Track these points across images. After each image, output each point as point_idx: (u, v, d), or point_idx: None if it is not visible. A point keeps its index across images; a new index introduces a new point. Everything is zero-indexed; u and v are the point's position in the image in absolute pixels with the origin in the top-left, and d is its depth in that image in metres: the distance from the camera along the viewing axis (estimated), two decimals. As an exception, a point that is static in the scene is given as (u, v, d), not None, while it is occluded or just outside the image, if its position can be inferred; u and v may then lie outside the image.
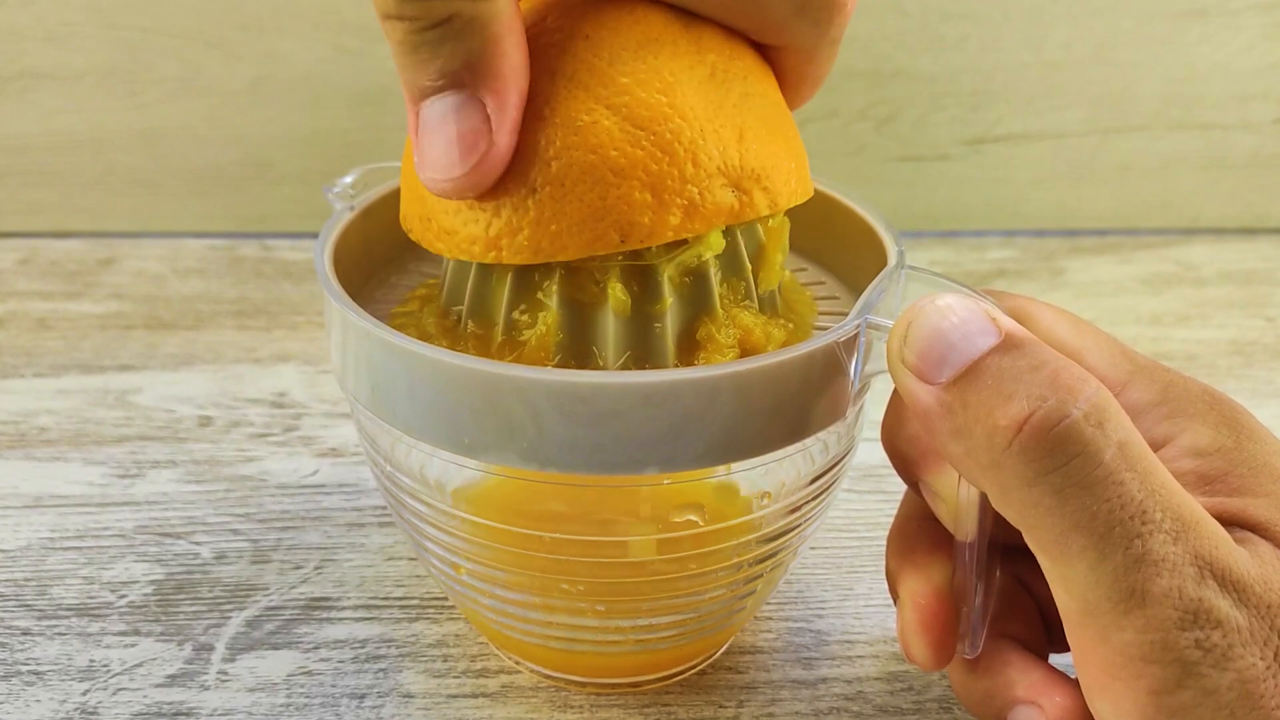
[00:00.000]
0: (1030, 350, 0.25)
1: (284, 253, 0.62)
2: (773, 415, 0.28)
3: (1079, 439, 0.24)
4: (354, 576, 0.39)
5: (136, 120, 0.62)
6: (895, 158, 0.65)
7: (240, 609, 0.38)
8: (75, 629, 0.37)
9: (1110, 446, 0.24)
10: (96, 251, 0.61)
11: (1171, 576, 0.24)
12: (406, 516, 0.33)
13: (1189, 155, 0.65)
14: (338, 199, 0.34)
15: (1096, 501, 0.24)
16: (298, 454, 0.45)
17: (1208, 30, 0.63)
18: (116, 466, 0.44)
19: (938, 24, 0.62)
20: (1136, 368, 0.30)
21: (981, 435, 0.25)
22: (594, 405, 0.26)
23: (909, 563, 0.31)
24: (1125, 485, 0.24)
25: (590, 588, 0.32)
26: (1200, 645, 0.24)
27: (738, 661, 0.36)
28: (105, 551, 0.40)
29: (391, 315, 0.33)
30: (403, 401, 0.28)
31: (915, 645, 0.30)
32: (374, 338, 0.28)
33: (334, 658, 0.36)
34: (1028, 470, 0.24)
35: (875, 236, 0.33)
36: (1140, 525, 0.24)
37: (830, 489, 0.33)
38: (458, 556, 0.32)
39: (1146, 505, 0.24)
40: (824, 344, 0.27)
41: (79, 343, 0.53)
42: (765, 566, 0.33)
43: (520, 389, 0.26)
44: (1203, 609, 0.24)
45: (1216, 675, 0.24)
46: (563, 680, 0.35)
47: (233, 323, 0.55)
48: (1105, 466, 0.24)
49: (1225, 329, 0.56)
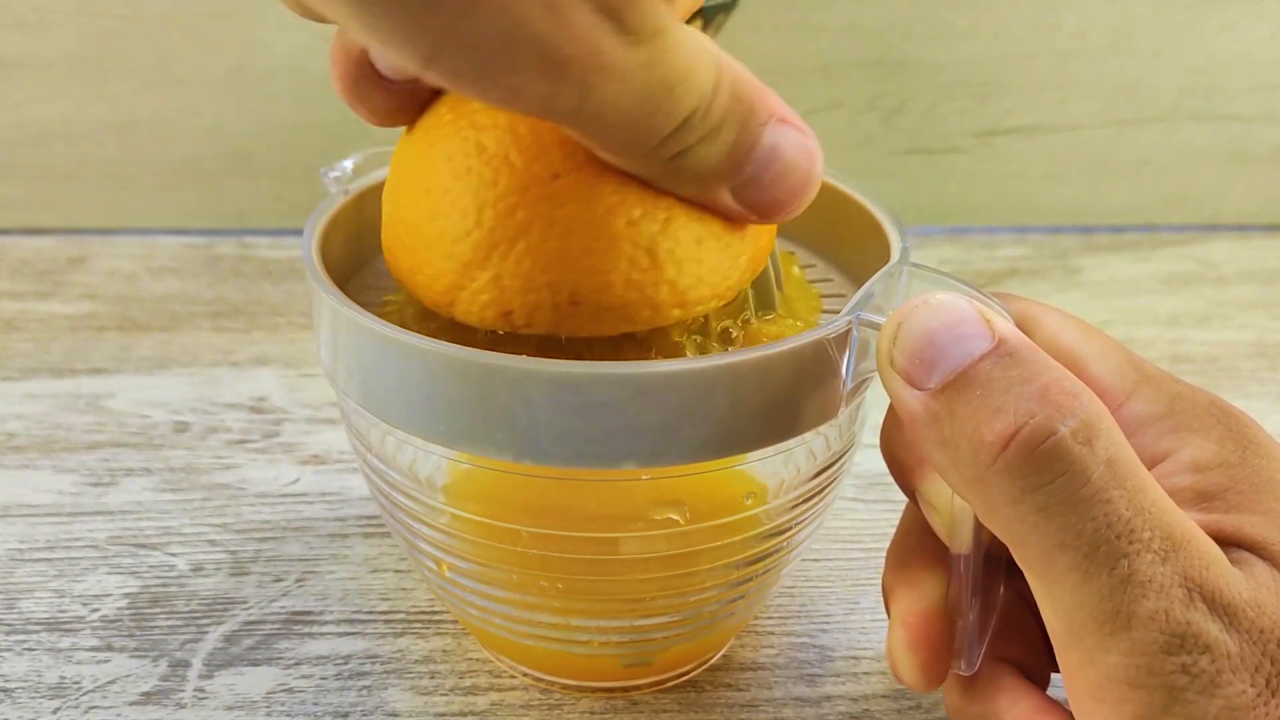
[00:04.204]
0: (1023, 358, 0.25)
1: (263, 251, 0.62)
2: (762, 412, 0.28)
3: (1065, 456, 0.24)
4: (337, 589, 0.39)
5: (109, 111, 0.62)
6: (902, 150, 0.65)
7: (218, 623, 0.38)
8: (45, 644, 0.37)
9: (1098, 465, 0.24)
10: (67, 249, 0.61)
11: (1158, 598, 0.24)
12: (393, 512, 0.33)
13: (1209, 148, 0.66)
14: (335, 183, 0.34)
15: (1082, 520, 0.24)
16: (278, 461, 0.45)
17: (1229, 18, 0.63)
18: (88, 474, 0.44)
19: (947, 11, 0.62)
20: (1143, 377, 0.30)
21: (967, 449, 0.25)
22: (587, 395, 0.27)
23: (902, 578, 0.31)
24: (1113, 504, 0.24)
25: (575, 585, 0.32)
26: (1187, 670, 0.24)
27: (739, 678, 0.36)
28: (77, 563, 0.40)
29: (383, 304, 0.33)
30: (390, 393, 0.29)
31: (903, 665, 0.30)
32: (358, 325, 0.28)
33: (316, 674, 0.36)
34: (1013, 488, 0.24)
35: (882, 232, 0.34)
36: (1127, 545, 0.24)
37: (828, 489, 0.33)
38: (444, 552, 0.33)
39: (1135, 524, 0.24)
40: (813, 339, 0.28)
41: (49, 345, 0.53)
42: (757, 569, 0.33)
43: (511, 379, 0.27)
44: (1190, 633, 0.24)
45: (1204, 702, 0.24)
46: (550, 683, 0.35)
47: (210, 324, 0.55)
48: (1092, 485, 0.24)
49: (1247, 330, 0.57)
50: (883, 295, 0.29)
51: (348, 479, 0.44)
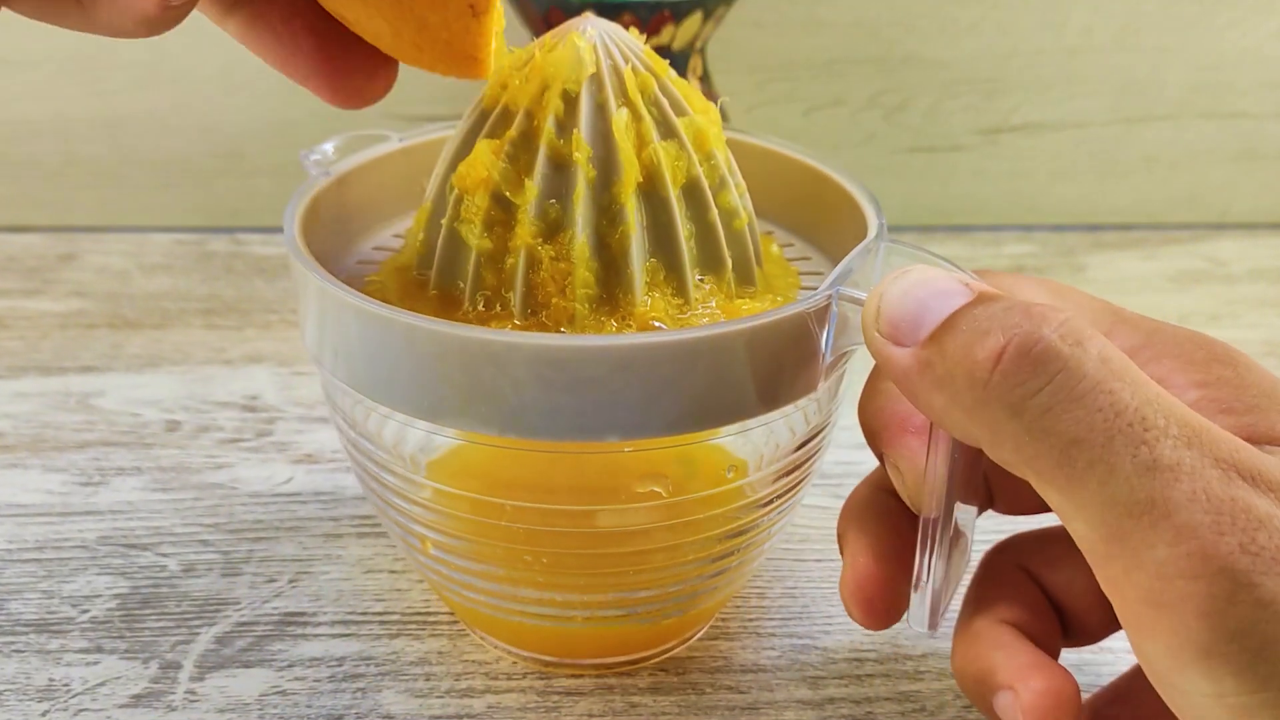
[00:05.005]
0: (1004, 299, 0.26)
1: (256, 248, 0.62)
2: (745, 384, 0.29)
3: (1057, 356, 0.24)
4: (331, 590, 0.39)
5: (100, 108, 0.61)
6: (906, 148, 0.65)
7: (209, 625, 0.37)
8: (34, 646, 0.36)
9: (1092, 360, 0.24)
10: (57, 246, 0.61)
11: (1191, 480, 0.23)
12: (378, 490, 0.34)
13: (1218, 146, 0.66)
14: (315, 166, 0.35)
15: (1089, 412, 0.24)
16: (271, 460, 0.45)
17: (1237, 14, 0.63)
18: (78, 473, 0.44)
19: (951, 7, 0.62)
20: (1120, 319, 0.30)
21: (962, 377, 0.25)
22: (571, 368, 0.27)
23: (855, 525, 0.32)
24: (1116, 394, 0.24)
25: (559, 559, 0.33)
26: (1246, 550, 0.22)
27: (739, 681, 0.36)
28: (66, 564, 0.40)
29: (365, 283, 0.34)
30: (375, 370, 0.29)
31: (851, 604, 0.31)
32: (343, 303, 0.29)
33: (309, 676, 0.36)
34: (1012, 397, 0.24)
35: (858, 208, 0.34)
36: (1143, 432, 0.23)
37: (807, 464, 0.34)
38: (426, 528, 0.33)
39: (1145, 412, 0.24)
40: (794, 313, 0.28)
41: (38, 343, 0.52)
42: (739, 542, 0.34)
43: (494, 353, 0.27)
44: (1238, 509, 0.23)
45: (1272, 582, 0.22)
46: (534, 660, 0.36)
47: (201, 321, 0.55)
48: (1090, 378, 0.24)
49: (1257, 329, 0.56)
50: (860, 271, 0.30)
51: (341, 478, 0.44)
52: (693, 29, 0.50)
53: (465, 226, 0.31)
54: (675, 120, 0.32)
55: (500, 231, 0.31)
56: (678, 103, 0.32)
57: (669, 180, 0.31)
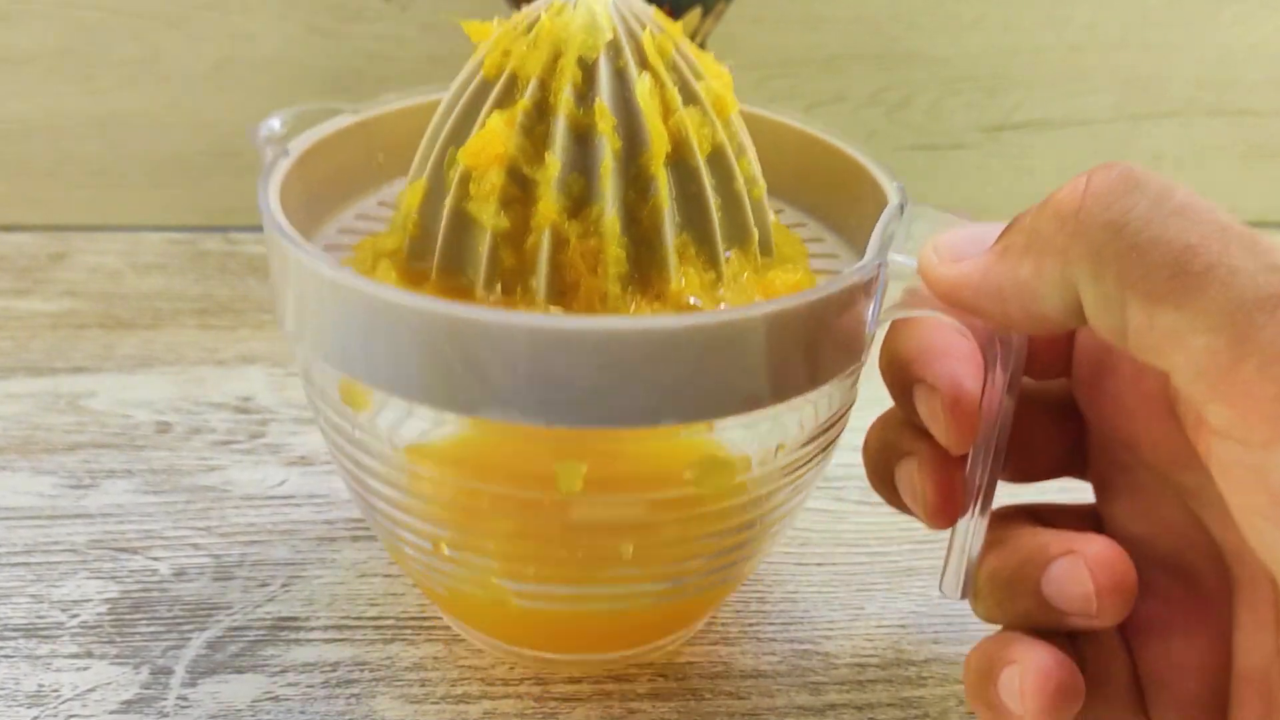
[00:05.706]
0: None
1: (249, 247, 0.61)
2: (792, 361, 0.28)
3: (1147, 175, 0.24)
4: (324, 594, 0.39)
5: (93, 106, 0.61)
6: (908, 146, 0.65)
7: (201, 629, 0.37)
8: (23, 651, 0.36)
9: (1181, 186, 0.24)
10: (48, 245, 0.61)
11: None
12: (356, 474, 0.32)
13: (1225, 143, 0.65)
14: (265, 143, 0.33)
15: (1195, 222, 0.23)
16: (264, 463, 0.45)
17: (1243, 10, 0.63)
18: (68, 476, 0.44)
19: (953, 3, 0.62)
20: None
21: (1050, 220, 0.25)
22: (627, 354, 0.26)
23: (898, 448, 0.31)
24: (1216, 211, 0.23)
25: (547, 549, 0.32)
26: None
27: (739, 686, 0.36)
28: (55, 568, 0.40)
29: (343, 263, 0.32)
30: (360, 349, 0.28)
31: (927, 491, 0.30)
32: (328, 281, 0.27)
33: (303, 682, 0.36)
34: (1111, 213, 0.24)
35: (866, 175, 0.34)
36: (1253, 237, 0.23)
37: (827, 450, 0.33)
38: (403, 512, 0.32)
39: (1254, 234, 0.23)
40: (850, 284, 0.28)
41: (28, 343, 0.52)
42: (742, 538, 0.33)
43: (523, 338, 0.26)
44: None
45: None
46: (526, 657, 0.36)
47: (194, 321, 0.55)
48: (1184, 193, 0.24)
49: (1263, 329, 0.56)
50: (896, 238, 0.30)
51: (336, 481, 0.44)
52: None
53: (477, 205, 0.29)
54: (696, 85, 0.30)
55: (518, 209, 0.29)
56: (695, 67, 0.31)
57: (696, 148, 0.30)
